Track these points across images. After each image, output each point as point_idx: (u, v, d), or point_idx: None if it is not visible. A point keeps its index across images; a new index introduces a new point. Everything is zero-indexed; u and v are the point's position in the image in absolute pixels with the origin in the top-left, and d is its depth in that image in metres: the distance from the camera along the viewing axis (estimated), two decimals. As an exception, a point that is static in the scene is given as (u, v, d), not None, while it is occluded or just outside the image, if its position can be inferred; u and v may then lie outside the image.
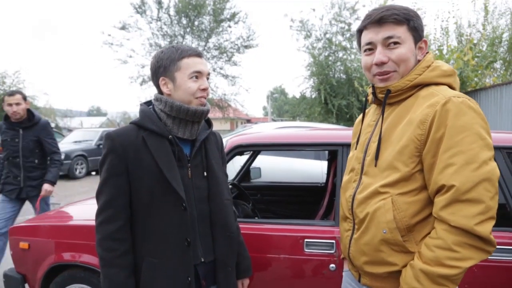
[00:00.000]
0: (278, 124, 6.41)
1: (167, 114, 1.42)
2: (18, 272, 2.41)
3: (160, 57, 1.42)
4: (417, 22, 1.22)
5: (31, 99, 20.69)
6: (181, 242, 1.38)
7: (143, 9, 20.83)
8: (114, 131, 1.40)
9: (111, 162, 1.36)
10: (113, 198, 1.36)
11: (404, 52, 1.20)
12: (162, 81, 1.42)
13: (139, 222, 1.39)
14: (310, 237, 1.94)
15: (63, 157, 10.66)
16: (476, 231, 1.02)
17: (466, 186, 1.04)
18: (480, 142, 1.07)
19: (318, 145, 2.10)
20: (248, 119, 45.12)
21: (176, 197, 1.37)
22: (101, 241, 1.35)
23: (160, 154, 1.37)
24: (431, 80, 1.20)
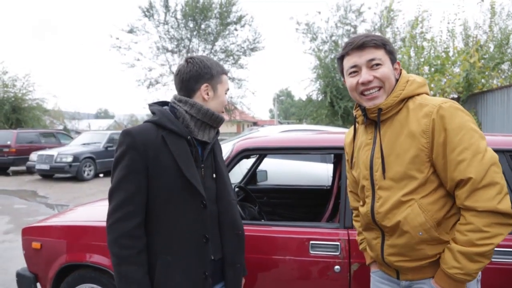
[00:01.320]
0: (284, 127, 6.44)
1: (192, 116, 1.48)
2: (30, 272, 2.47)
3: (207, 65, 1.50)
4: (391, 47, 1.41)
5: (41, 102, 20.93)
6: (200, 238, 1.43)
7: (151, 13, 21.01)
8: (134, 128, 1.41)
9: (131, 159, 1.36)
10: (133, 194, 1.36)
11: (386, 71, 1.37)
12: (205, 87, 1.50)
13: (153, 220, 1.41)
14: (315, 239, 1.98)
15: (72, 159, 10.79)
16: (499, 209, 1.19)
17: (480, 175, 1.21)
18: (476, 135, 1.25)
19: (323, 148, 2.13)
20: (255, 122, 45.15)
21: (196, 195, 1.42)
22: (118, 238, 1.35)
23: (180, 153, 1.40)
24: (412, 93, 1.37)
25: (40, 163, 11.08)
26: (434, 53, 9.26)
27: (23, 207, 7.58)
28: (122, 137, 1.39)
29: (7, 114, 18.97)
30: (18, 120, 19.33)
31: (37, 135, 13.92)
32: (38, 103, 20.72)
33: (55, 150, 11.48)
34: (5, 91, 19.43)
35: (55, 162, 10.84)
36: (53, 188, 9.86)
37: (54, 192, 9.34)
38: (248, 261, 1.99)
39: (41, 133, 14.27)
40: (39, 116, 20.97)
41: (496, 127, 7.88)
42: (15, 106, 19.37)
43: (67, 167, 10.77)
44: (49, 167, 10.90)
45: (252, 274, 2.02)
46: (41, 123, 20.99)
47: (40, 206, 7.76)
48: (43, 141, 13.80)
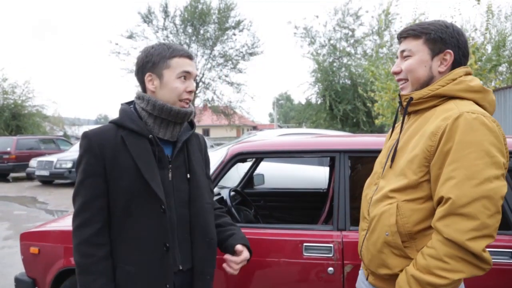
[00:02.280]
0: (282, 131, 6.47)
1: (149, 113, 1.37)
2: (28, 276, 2.49)
3: (150, 52, 1.37)
4: (438, 34, 1.26)
5: (40, 108, 20.97)
6: (159, 247, 1.31)
7: (150, 19, 21.11)
8: (91, 130, 1.34)
9: (87, 162, 1.30)
10: (90, 200, 1.29)
11: (410, 63, 1.29)
12: (148, 77, 1.37)
13: (114, 227, 1.32)
14: (308, 241, 2.00)
15: (71, 165, 10.80)
16: (467, 246, 1.04)
17: (462, 201, 1.06)
18: (486, 159, 1.08)
19: (316, 152, 2.16)
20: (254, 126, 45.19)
21: (155, 200, 1.31)
22: (78, 246, 1.28)
23: (140, 154, 1.31)
24: (454, 93, 1.22)
25: (39, 169, 11.10)
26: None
27: (23, 213, 7.59)
28: (81, 140, 1.33)
29: (7, 121, 19.03)
30: (18, 127, 19.37)
31: (36, 141, 13.95)
32: (38, 109, 20.76)
33: (54, 156, 11.50)
34: (5, 98, 19.50)
35: (54, 168, 10.86)
36: (53, 194, 9.88)
37: (54, 198, 9.36)
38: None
39: (40, 140, 14.30)
40: (39, 123, 21.00)
41: (494, 129, 7.89)
42: (15, 112, 19.42)
43: (66, 173, 10.79)
44: (48, 173, 10.93)
45: (246, 276, 2.05)
46: (41, 129, 21.02)
47: (40, 212, 7.76)
48: (43, 147, 13.83)
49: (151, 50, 1.38)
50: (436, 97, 1.24)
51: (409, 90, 1.31)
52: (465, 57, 1.29)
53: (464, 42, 1.28)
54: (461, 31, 1.29)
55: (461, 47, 1.27)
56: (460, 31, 1.29)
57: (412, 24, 1.33)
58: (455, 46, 1.27)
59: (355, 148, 2.13)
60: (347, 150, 2.09)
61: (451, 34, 1.27)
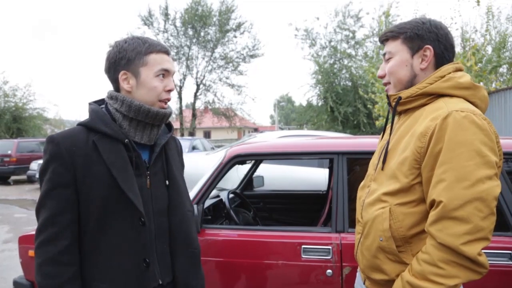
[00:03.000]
0: (282, 133, 6.46)
1: (124, 115, 1.24)
2: (27, 280, 2.48)
3: (124, 48, 1.22)
4: (414, 32, 1.24)
5: (41, 111, 21.02)
6: (138, 263, 1.19)
7: (150, 21, 21.17)
8: (58, 134, 1.19)
9: (54, 171, 1.15)
10: (57, 213, 1.14)
11: (392, 65, 1.27)
12: (122, 76, 1.23)
13: (87, 242, 1.19)
14: (307, 243, 1.99)
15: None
16: (461, 250, 1.01)
17: (454, 204, 1.03)
18: (477, 159, 1.04)
19: (314, 153, 2.16)
20: (256, 128, 45.21)
21: (132, 211, 1.19)
22: (41, 266, 1.12)
23: (114, 160, 1.18)
24: (442, 91, 1.18)
25: (40, 172, 11.09)
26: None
27: (24, 216, 7.60)
28: (46, 145, 1.18)
29: (8, 123, 19.07)
30: (19, 130, 19.42)
31: (37, 144, 13.96)
32: (39, 112, 20.82)
33: (55, 158, 11.49)
34: (6, 100, 19.56)
35: (55, 171, 10.85)
36: (54, 197, 9.87)
37: (54, 200, 9.34)
38: (240, 266, 2.02)
39: (41, 142, 14.30)
40: (40, 125, 21.06)
41: (494, 130, 7.88)
42: (16, 115, 19.48)
43: (67, 175, 10.77)
44: (49, 176, 10.90)
45: (244, 279, 2.04)
46: (42, 132, 21.07)
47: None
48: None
49: (125, 45, 1.23)
50: (425, 95, 1.20)
51: (393, 91, 1.29)
52: (448, 50, 1.24)
53: (444, 35, 1.24)
54: (440, 25, 1.25)
55: (441, 40, 1.23)
56: (439, 25, 1.25)
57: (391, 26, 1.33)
58: (434, 40, 1.23)
59: (353, 150, 2.12)
60: (346, 152, 2.09)
61: (428, 29, 1.23)
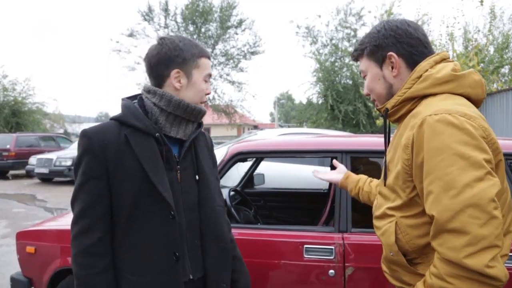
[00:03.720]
0: (283, 130, 6.43)
1: (161, 109, 1.26)
2: (24, 276, 2.46)
3: (179, 47, 1.26)
4: (373, 43, 1.20)
5: (41, 106, 20.95)
6: (169, 256, 1.21)
7: (151, 17, 21.08)
8: (91, 128, 1.22)
9: (87, 164, 1.18)
10: (90, 206, 1.18)
11: (367, 83, 1.25)
12: (176, 73, 1.26)
13: (119, 234, 1.22)
14: (309, 243, 1.97)
15: (71, 163, 10.78)
16: (465, 264, 0.90)
17: (446, 216, 0.94)
18: (460, 163, 0.94)
19: (317, 152, 2.13)
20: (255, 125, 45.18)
21: (163, 204, 1.21)
22: (76, 256, 1.17)
23: (145, 154, 1.20)
24: (422, 93, 1.11)
25: (39, 167, 11.07)
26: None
27: (22, 211, 7.56)
28: (79, 139, 1.21)
29: (7, 117, 19.01)
30: (18, 124, 19.35)
31: (36, 138, 13.92)
32: (38, 106, 20.74)
33: (54, 154, 11.48)
34: (5, 95, 19.48)
35: (54, 166, 10.83)
36: (52, 192, 9.85)
37: (53, 196, 9.32)
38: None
39: (40, 137, 14.28)
40: (39, 120, 20.99)
41: (496, 131, 7.86)
42: (15, 109, 19.40)
43: (66, 170, 10.75)
44: (48, 170, 10.90)
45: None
46: (41, 126, 21.01)
47: (39, 210, 7.74)
48: (43, 144, 13.80)
49: (180, 44, 1.27)
50: (408, 101, 1.14)
51: (380, 106, 1.24)
52: (414, 46, 1.16)
53: (404, 33, 1.16)
54: (397, 25, 1.18)
55: (402, 40, 1.16)
56: (395, 25, 1.18)
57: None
58: (394, 44, 1.17)
59: (357, 149, 2.09)
60: (349, 151, 2.05)
61: (385, 35, 1.18)
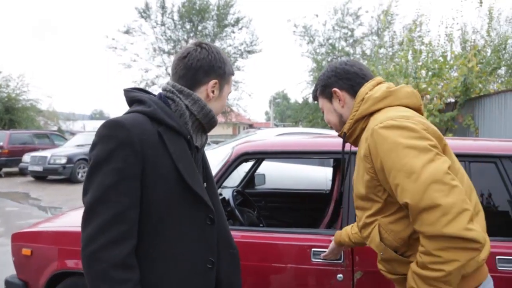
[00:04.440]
0: (281, 130, 6.38)
1: (191, 114, 1.20)
2: (19, 279, 2.39)
3: (224, 59, 1.25)
4: (321, 83, 1.44)
5: (35, 102, 20.73)
6: (203, 264, 1.16)
7: (148, 14, 20.94)
8: (125, 119, 1.09)
9: (125, 160, 1.04)
10: (127, 209, 1.04)
11: (325, 117, 1.49)
12: (214, 83, 1.23)
13: (145, 243, 1.10)
14: (317, 246, 1.91)
15: (65, 161, 10.65)
16: (446, 233, 1.03)
17: (416, 199, 1.07)
18: (411, 153, 1.11)
19: (326, 153, 2.07)
20: (251, 124, 45.15)
21: (201, 208, 1.16)
22: (109, 271, 1.00)
23: (180, 155, 1.13)
24: (368, 111, 1.31)
25: (33, 165, 10.92)
26: (432, 57, 9.27)
27: (15, 210, 7.44)
28: (111, 130, 1.06)
29: (0, 114, 18.77)
30: (12, 121, 19.11)
31: (30, 136, 13.75)
32: (32, 103, 20.51)
33: (48, 151, 11.32)
34: (-1, 91, 19.24)
35: (48, 164, 10.69)
36: (46, 190, 9.72)
37: (47, 194, 9.20)
38: (247, 269, 1.92)
39: (34, 134, 14.10)
40: (33, 117, 20.76)
41: (494, 132, 7.87)
42: (8, 106, 19.15)
43: (60, 168, 10.62)
44: (42, 168, 10.75)
45: (251, 282, 1.95)
46: (35, 124, 20.77)
47: (33, 208, 7.63)
48: (37, 142, 13.62)
49: (223, 56, 1.26)
50: (359, 121, 1.33)
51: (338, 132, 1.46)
52: (352, 79, 1.38)
53: (341, 70, 1.39)
54: (336, 65, 1.42)
55: (341, 77, 1.39)
56: (334, 66, 1.42)
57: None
58: (336, 81, 1.40)
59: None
60: (358, 152, 1.99)
61: (327, 76, 1.42)
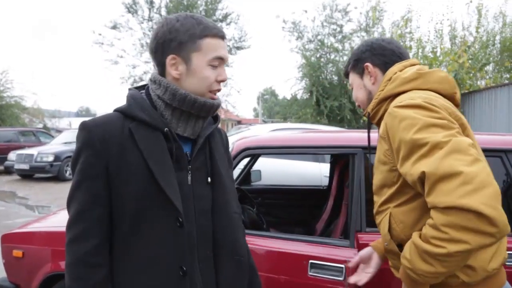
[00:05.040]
0: (274, 126, 6.33)
1: (166, 103, 1.10)
2: (11, 282, 2.30)
3: (175, 27, 1.07)
4: (353, 59, 1.41)
5: (19, 99, 20.32)
6: (174, 271, 1.06)
7: (135, 9, 20.65)
8: (92, 120, 1.07)
9: (86, 161, 1.03)
10: (86, 207, 1.02)
11: (353, 93, 1.46)
12: (171, 60, 1.08)
13: (118, 243, 1.06)
14: (315, 258, 1.73)
15: (53, 158, 10.43)
16: (462, 205, 0.90)
17: (433, 165, 0.97)
18: (432, 128, 1.04)
19: (333, 148, 2.00)
20: (239, 121, 45.05)
21: (170, 210, 1.05)
22: (70, 266, 1.01)
23: (152, 151, 1.05)
24: (393, 92, 1.26)
25: (19, 163, 10.68)
26: (422, 53, 9.32)
27: (2, 209, 7.25)
28: (78, 132, 1.07)
29: (-16, 111, 18.33)
30: None
31: (15, 133, 13.45)
32: (16, 100, 20.10)
33: (35, 149, 11.09)
34: (-18, 88, 18.76)
35: (35, 162, 10.46)
36: (33, 189, 9.50)
37: (34, 193, 8.99)
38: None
39: (20, 132, 13.79)
40: (17, 114, 20.36)
41: (484, 127, 7.96)
42: (-8, 103, 18.73)
43: (48, 166, 10.41)
44: (28, 166, 10.52)
45: None
46: (19, 121, 20.37)
47: (20, 207, 7.45)
48: (22, 139, 13.34)
49: (176, 24, 1.07)
50: (383, 101, 1.30)
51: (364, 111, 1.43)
52: (387, 56, 1.34)
53: (378, 46, 1.36)
54: (372, 40, 1.39)
55: (376, 52, 1.36)
56: (370, 41, 1.39)
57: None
58: (370, 56, 1.36)
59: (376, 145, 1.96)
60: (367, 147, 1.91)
61: (362, 50, 1.38)
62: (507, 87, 7.45)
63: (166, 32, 1.07)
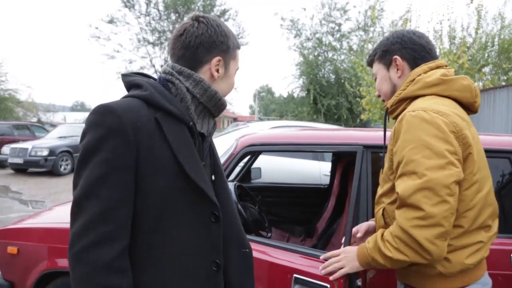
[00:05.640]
0: (274, 123, 6.28)
1: (194, 97, 1.06)
2: (5, 279, 2.24)
3: (225, 32, 1.09)
4: (382, 49, 1.39)
5: (13, 93, 20.13)
6: (208, 267, 1.04)
7: (132, 3, 20.49)
8: (117, 104, 0.95)
9: (115, 150, 0.91)
10: (114, 206, 0.90)
11: (377, 84, 1.44)
12: (217, 61, 1.08)
13: (142, 243, 0.97)
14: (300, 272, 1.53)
15: (47, 153, 10.33)
16: (410, 232, 1.11)
17: (405, 193, 1.13)
18: (426, 152, 1.13)
19: (336, 145, 1.95)
20: (235, 118, 45.01)
21: (204, 204, 1.03)
22: (93, 275, 0.87)
23: (181, 145, 0.99)
24: (413, 94, 1.28)
25: (13, 157, 10.54)
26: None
27: (-5, 203, 7.15)
28: (100, 116, 0.93)
29: (-23, 104, 18.14)
30: None
31: (9, 127, 13.29)
32: (10, 93, 19.94)
33: (29, 143, 10.95)
34: (-25, 80, 18.56)
35: (29, 156, 10.33)
36: (27, 183, 9.38)
37: (28, 187, 8.87)
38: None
39: (14, 125, 13.64)
40: (11, 108, 20.20)
41: (483, 128, 7.95)
42: (-15, 96, 18.53)
43: (42, 161, 10.28)
44: (23, 161, 10.38)
45: None
46: (13, 115, 20.20)
47: (14, 202, 7.34)
48: (16, 133, 13.19)
49: (226, 29, 1.10)
50: (403, 101, 1.31)
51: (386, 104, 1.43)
52: (417, 51, 1.33)
53: (409, 39, 1.34)
54: (403, 33, 1.36)
55: (407, 45, 1.34)
56: (401, 33, 1.37)
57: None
58: (400, 49, 1.35)
59: (380, 143, 1.92)
60: (371, 145, 1.87)
61: (392, 42, 1.37)
62: (506, 89, 7.45)
63: (217, 33, 1.08)
